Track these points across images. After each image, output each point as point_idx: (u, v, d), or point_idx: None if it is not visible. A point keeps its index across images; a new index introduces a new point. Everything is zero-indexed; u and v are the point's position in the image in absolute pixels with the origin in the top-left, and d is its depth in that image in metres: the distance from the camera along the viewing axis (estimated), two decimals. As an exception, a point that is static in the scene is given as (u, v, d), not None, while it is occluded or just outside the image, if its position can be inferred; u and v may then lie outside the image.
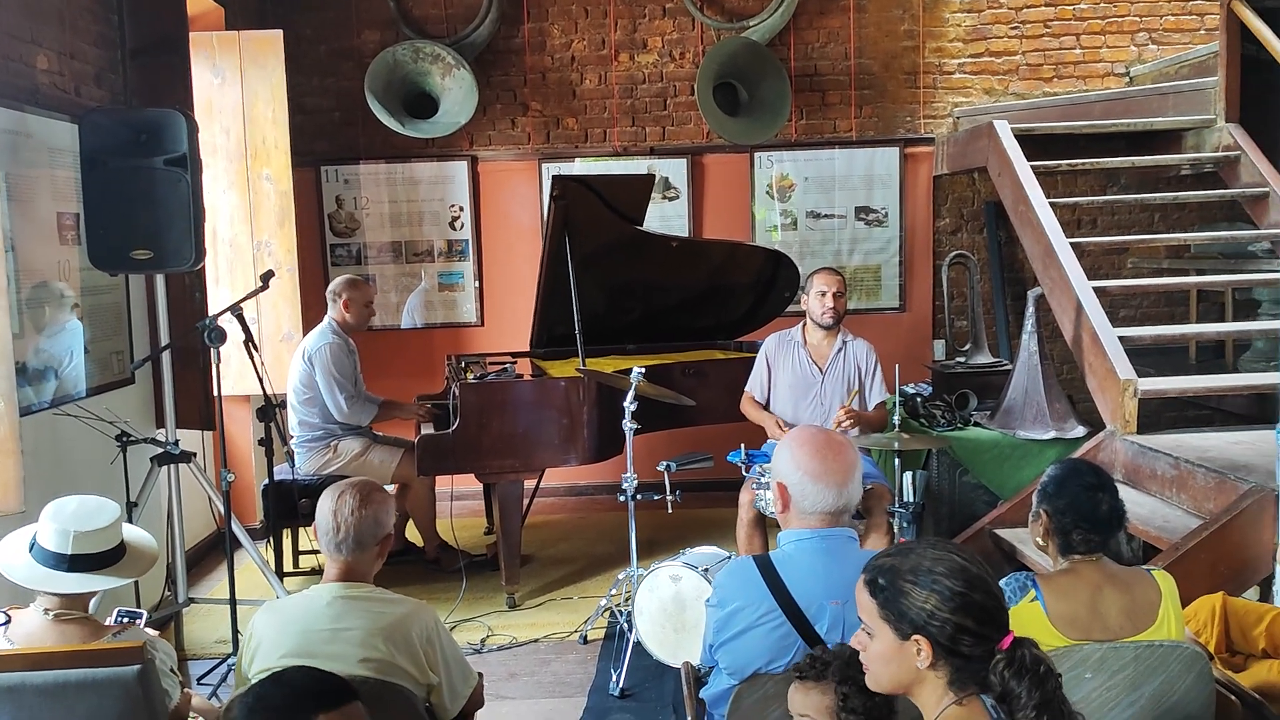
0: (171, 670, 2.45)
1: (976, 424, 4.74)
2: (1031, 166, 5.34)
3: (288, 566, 5.03)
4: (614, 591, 4.20)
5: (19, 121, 3.58)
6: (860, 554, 2.34)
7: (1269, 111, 5.92)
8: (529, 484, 5.33)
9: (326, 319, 5.06)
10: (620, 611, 4.06)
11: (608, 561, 5.16)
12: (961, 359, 5.17)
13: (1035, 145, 5.68)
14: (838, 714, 1.88)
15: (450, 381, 5.66)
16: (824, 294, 4.43)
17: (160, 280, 3.92)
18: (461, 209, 6.51)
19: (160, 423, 4.46)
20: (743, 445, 4.01)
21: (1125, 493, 4.18)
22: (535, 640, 4.27)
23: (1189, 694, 2.33)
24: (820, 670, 1.93)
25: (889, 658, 1.67)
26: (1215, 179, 5.72)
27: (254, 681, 2.25)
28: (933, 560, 1.64)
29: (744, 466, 4.01)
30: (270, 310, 5.64)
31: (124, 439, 3.53)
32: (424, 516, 5.12)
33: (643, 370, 3.99)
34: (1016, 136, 5.54)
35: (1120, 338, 4.48)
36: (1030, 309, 4.66)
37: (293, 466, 4.82)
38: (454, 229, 6.54)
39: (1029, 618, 2.38)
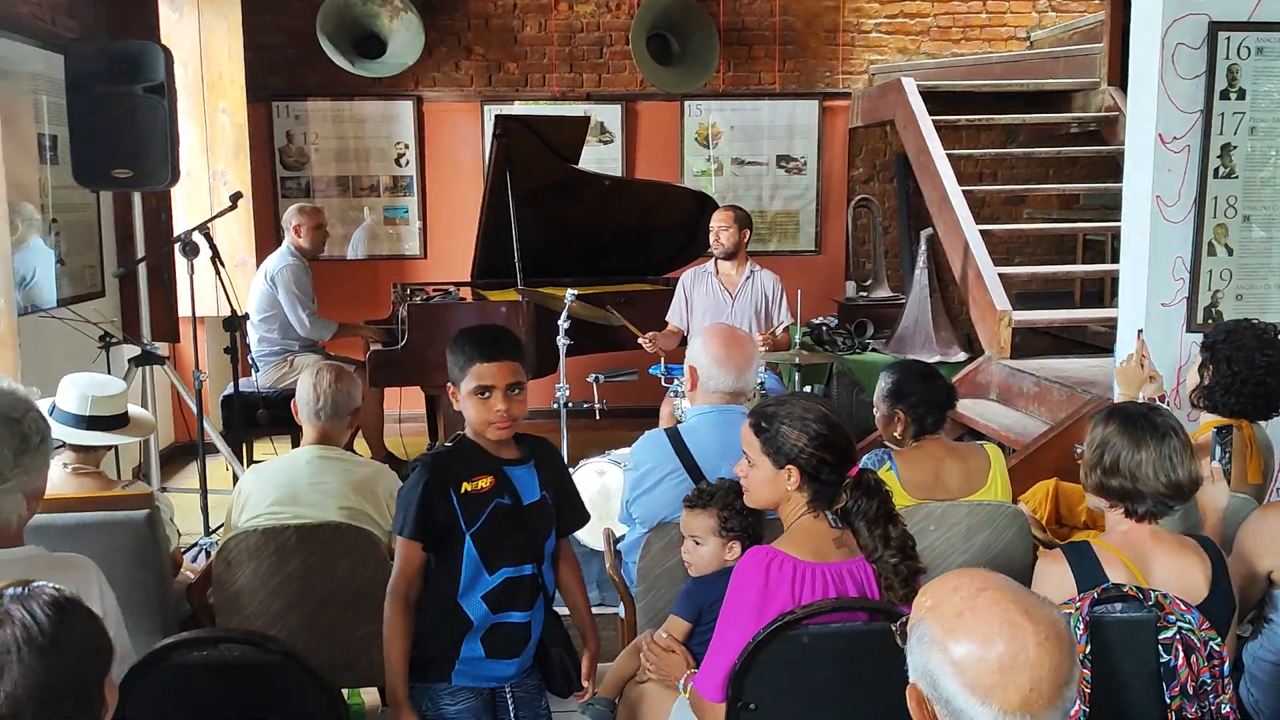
0: (170, 520, 2.89)
1: (872, 349, 5.31)
2: (935, 121, 5.88)
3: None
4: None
5: (7, 48, 3.90)
6: (750, 427, 2.87)
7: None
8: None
9: (284, 244, 5.42)
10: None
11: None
12: (864, 294, 5.72)
13: (942, 102, 6.22)
14: (720, 531, 2.41)
15: (396, 307, 6.07)
16: (713, 230, 5.00)
17: (137, 199, 4.26)
18: (407, 146, 6.87)
19: (127, 334, 4.82)
20: (663, 359, 4.52)
21: (996, 408, 4.81)
22: (475, 535, 4.74)
23: (1011, 545, 2.89)
24: (706, 499, 2.47)
25: (766, 482, 2.15)
26: (1099, 137, 6.32)
27: (244, 526, 2.72)
28: (803, 409, 2.13)
29: (664, 379, 4.51)
30: (226, 238, 5.96)
31: (106, 339, 3.91)
32: (372, 430, 5.55)
33: (575, 292, 4.46)
34: (924, 93, 6.07)
35: (1001, 275, 5.07)
36: (923, 247, 5.22)
37: (259, 371, 5.16)
38: (399, 165, 6.90)
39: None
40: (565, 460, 2.51)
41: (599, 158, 6.84)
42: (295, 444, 5.25)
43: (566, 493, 2.45)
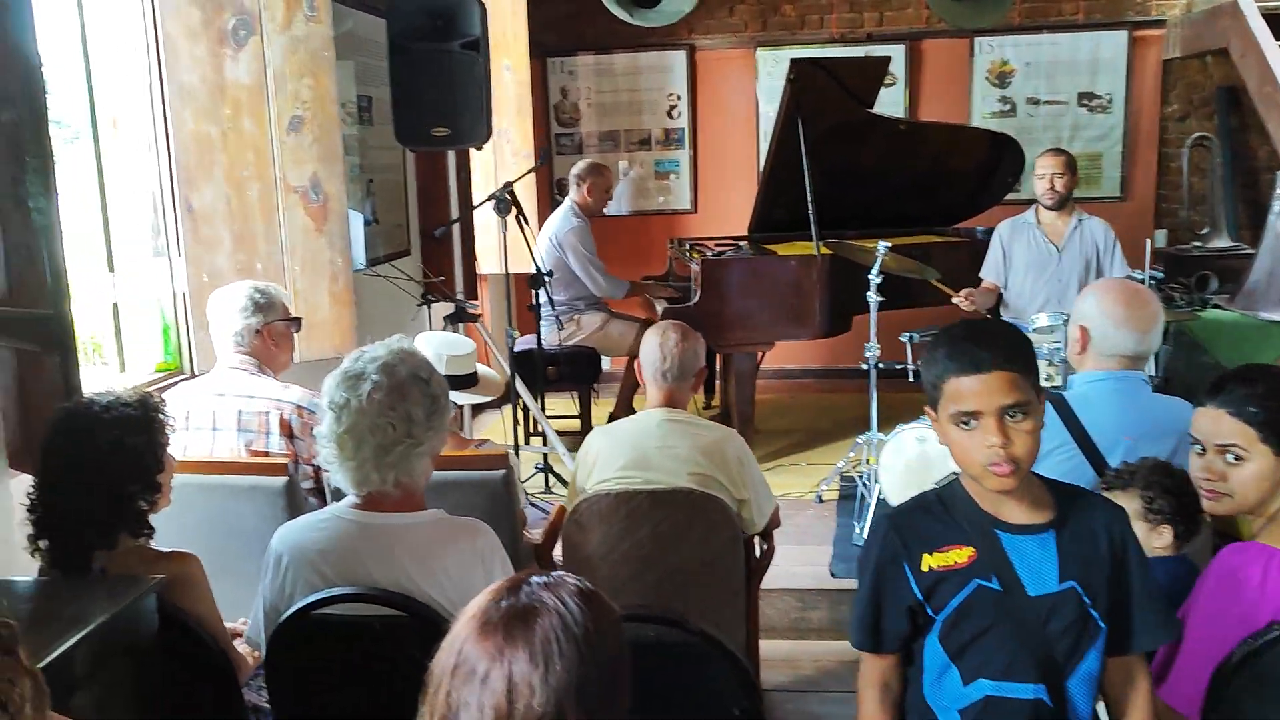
0: (518, 479, 2.85)
1: (1215, 305, 4.74)
2: (1280, 46, 5.17)
3: (531, 428, 5.48)
4: (851, 455, 4.47)
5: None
6: (1152, 396, 2.52)
7: None
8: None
9: (567, 202, 5.40)
10: (859, 473, 4.33)
11: (828, 435, 5.45)
12: (1197, 243, 5.13)
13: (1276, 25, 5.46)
14: (1146, 515, 2.13)
15: (673, 263, 5.97)
16: (1044, 177, 4.55)
17: (451, 158, 4.30)
18: (678, 97, 6.72)
19: (433, 292, 4.92)
20: (1012, 316, 4.17)
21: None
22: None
23: None
24: (1126, 480, 2.18)
25: (1264, 475, 1.82)
26: None
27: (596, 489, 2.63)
28: (1274, 375, 1.81)
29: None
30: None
31: (427, 298, 3.97)
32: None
33: (888, 244, 4.18)
34: (1266, 16, 5.35)
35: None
36: (1279, 190, 4.59)
37: (561, 329, 5.18)
38: (671, 118, 6.77)
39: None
40: (1126, 533, 1.67)
41: (879, 102, 6.40)
42: (583, 401, 5.32)
43: (1128, 587, 1.62)
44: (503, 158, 5.92)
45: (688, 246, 5.79)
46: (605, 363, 5.58)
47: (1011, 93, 6.46)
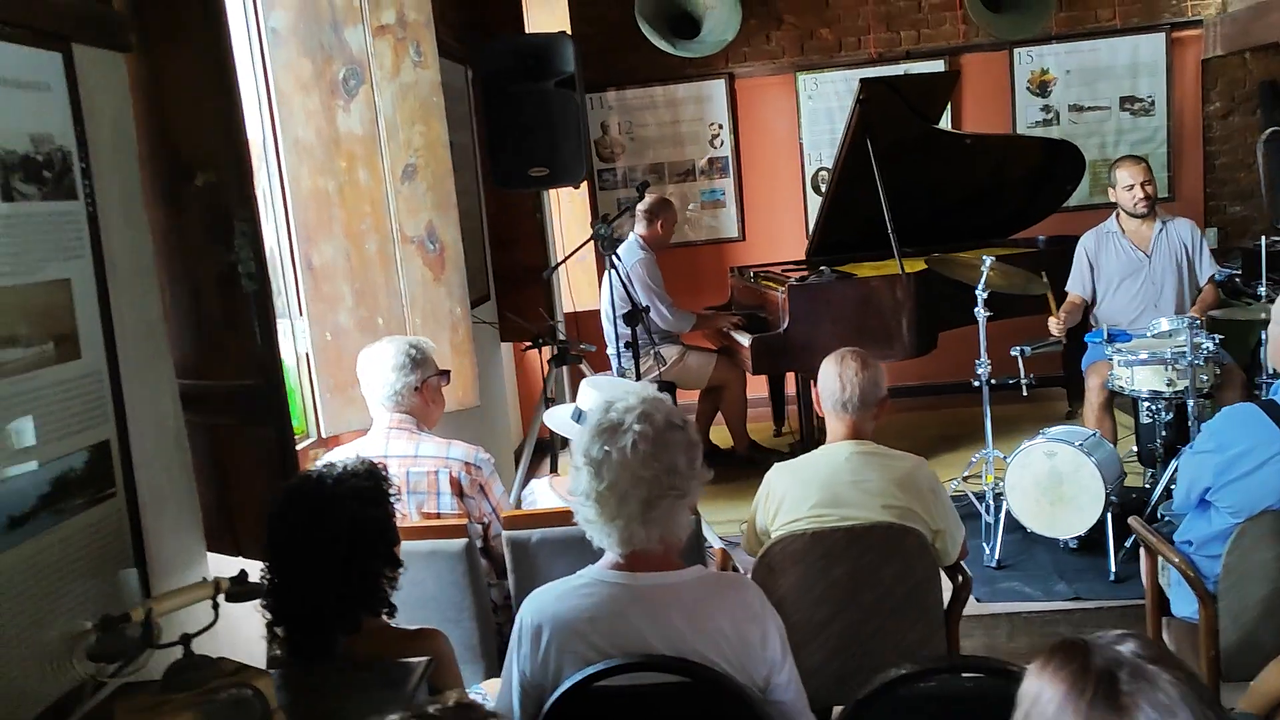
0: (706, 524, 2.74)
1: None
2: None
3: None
4: (966, 473, 4.38)
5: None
6: (1379, 398, 2.45)
7: None
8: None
9: (633, 236, 5.31)
10: (976, 492, 4.24)
11: (922, 454, 5.34)
12: (1277, 238, 5.11)
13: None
14: None
15: (735, 292, 5.89)
16: (1132, 186, 4.51)
17: (549, 198, 4.21)
18: (721, 126, 6.68)
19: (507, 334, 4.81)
20: (1105, 326, 4.11)
21: None
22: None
23: None
24: None
25: None
26: None
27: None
28: None
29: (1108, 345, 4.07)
30: (560, 234, 5.94)
31: (537, 341, 3.87)
32: (737, 417, 5.40)
33: (992, 258, 4.12)
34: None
35: None
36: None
37: (664, 364, 5.06)
38: (714, 146, 6.72)
39: None
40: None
41: (923, 119, 6.44)
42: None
43: None
44: (560, 199, 5.86)
45: (751, 275, 5.71)
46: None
47: (1053, 101, 6.46)
